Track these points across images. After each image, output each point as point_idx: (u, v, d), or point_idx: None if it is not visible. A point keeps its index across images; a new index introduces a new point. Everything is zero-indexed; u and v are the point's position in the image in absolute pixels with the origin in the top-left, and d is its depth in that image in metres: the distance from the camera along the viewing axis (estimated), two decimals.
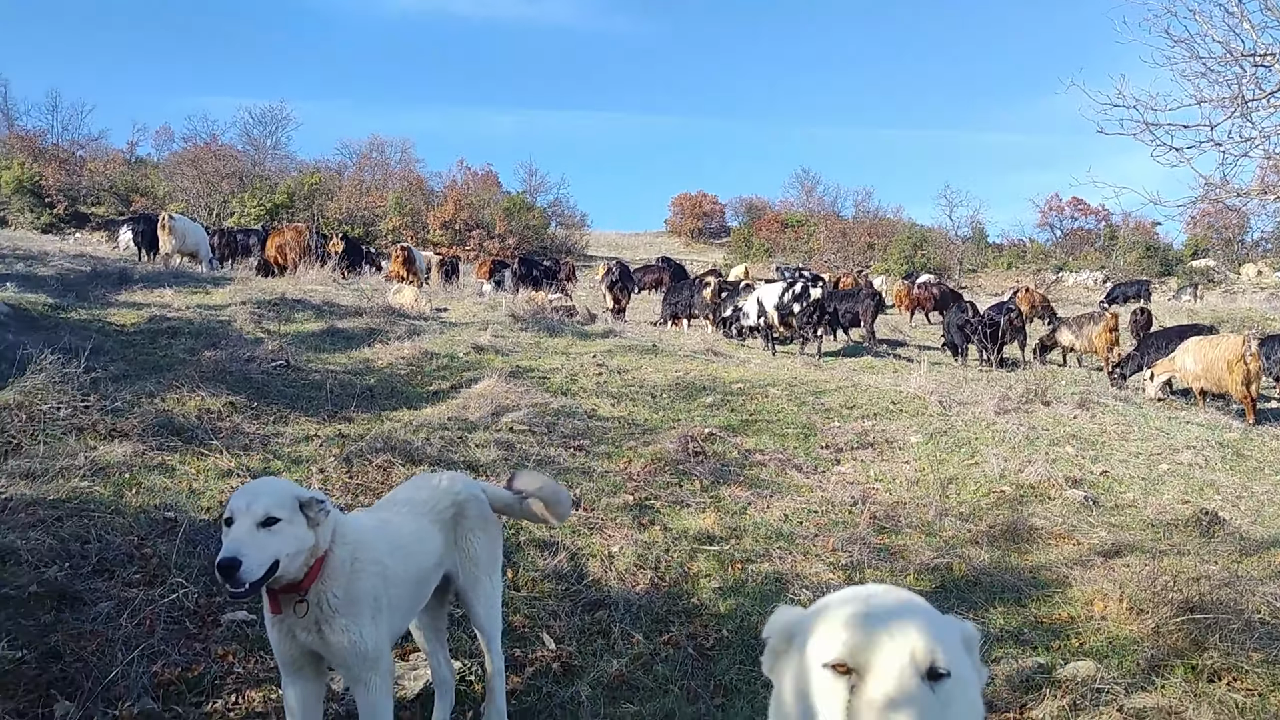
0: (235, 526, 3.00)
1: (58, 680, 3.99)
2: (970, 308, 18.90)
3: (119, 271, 16.51)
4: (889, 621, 1.69)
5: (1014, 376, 14.00)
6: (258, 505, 3.03)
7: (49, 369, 7.64)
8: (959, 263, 56.86)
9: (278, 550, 3.04)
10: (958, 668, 1.68)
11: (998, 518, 7.49)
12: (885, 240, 60.07)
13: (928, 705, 1.59)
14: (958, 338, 18.17)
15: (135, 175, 54.88)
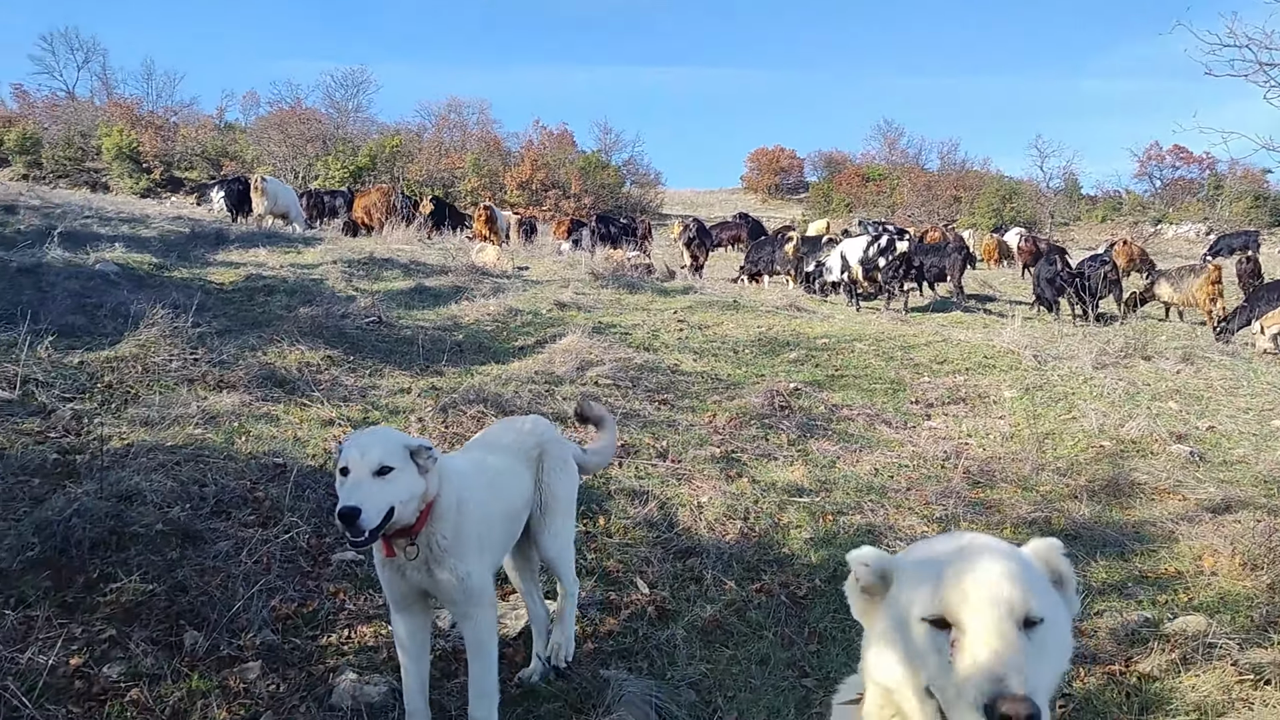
0: (351, 476, 3.10)
1: (186, 612, 4.24)
2: (1060, 260, 18.32)
3: (215, 232, 17.07)
4: (985, 575, 1.70)
5: (1111, 331, 13.59)
6: (371, 455, 3.12)
7: (160, 323, 8.00)
8: (1050, 216, 55.08)
9: (393, 498, 3.14)
10: (1049, 612, 1.71)
11: (1097, 472, 7.34)
12: (972, 193, 58.40)
13: (1026, 653, 1.61)
14: (1048, 291, 17.65)
15: (225, 140, 56.37)
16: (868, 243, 17.89)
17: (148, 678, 3.75)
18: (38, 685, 3.55)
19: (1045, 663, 1.66)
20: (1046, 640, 1.68)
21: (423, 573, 3.36)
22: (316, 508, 5.44)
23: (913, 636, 1.74)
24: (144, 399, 6.90)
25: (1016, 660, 1.58)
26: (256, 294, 11.87)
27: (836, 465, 7.44)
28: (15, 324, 7.74)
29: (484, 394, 8.02)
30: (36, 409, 6.47)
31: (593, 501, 6.22)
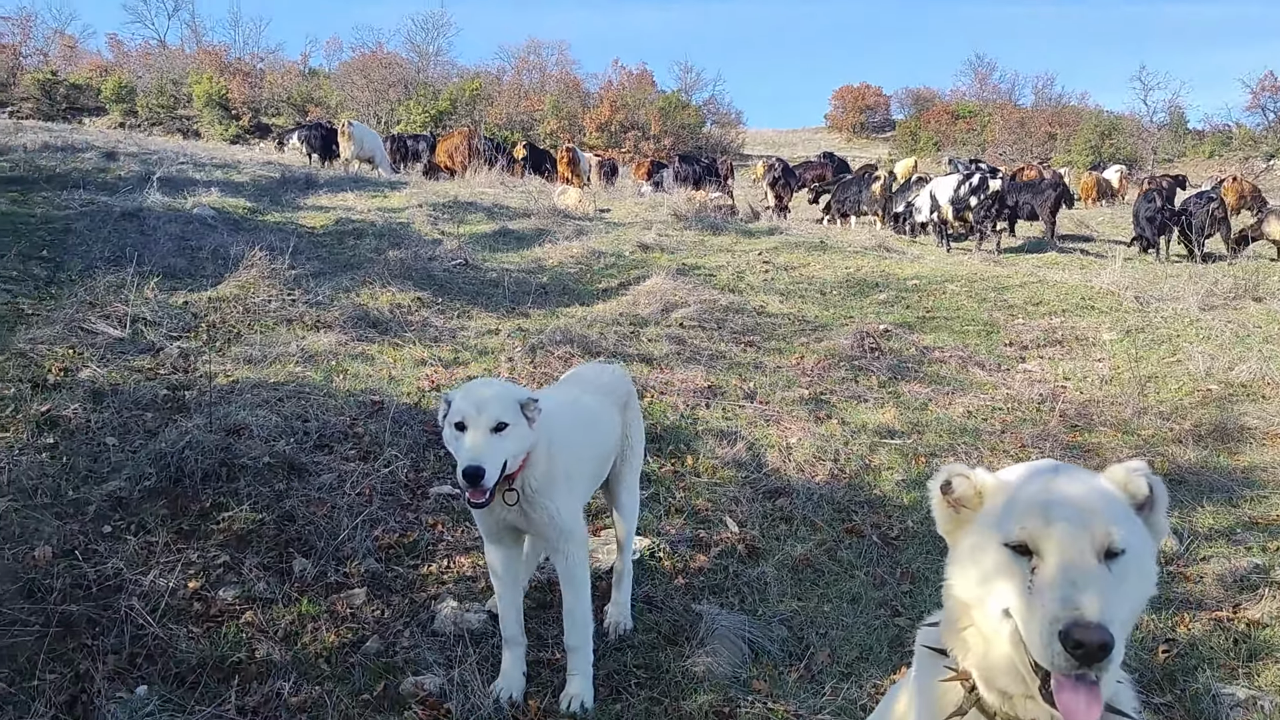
0: (470, 434, 3.14)
1: (294, 540, 4.41)
2: (1159, 197, 17.44)
3: (305, 178, 17.42)
4: (1068, 505, 1.71)
5: (1219, 271, 13.00)
6: (489, 412, 3.16)
7: (259, 265, 8.24)
8: (1154, 152, 52.52)
9: (508, 453, 3.19)
10: (1132, 542, 1.71)
11: (1204, 416, 7.07)
12: (1068, 130, 55.91)
13: (1105, 584, 1.62)
14: (1148, 230, 16.89)
15: (309, 86, 57.16)
16: (959, 181, 17.31)
17: (260, 601, 3.93)
18: (160, 606, 3.74)
19: (1125, 594, 1.67)
20: (1128, 572, 1.69)
21: (515, 512, 3.42)
22: (413, 443, 5.58)
23: (994, 560, 1.76)
24: (246, 338, 7.13)
25: (1094, 590, 1.60)
26: (346, 237, 12.11)
27: (928, 408, 7.32)
28: (122, 266, 8.06)
29: (570, 335, 8.08)
30: (146, 347, 6.75)
31: (681, 441, 6.25)
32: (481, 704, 3.36)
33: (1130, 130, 55.68)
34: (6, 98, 48.08)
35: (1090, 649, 1.53)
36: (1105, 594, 1.60)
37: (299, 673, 3.49)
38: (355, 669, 3.58)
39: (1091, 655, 1.54)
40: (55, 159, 15.28)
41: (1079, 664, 1.56)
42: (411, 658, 3.68)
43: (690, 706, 3.49)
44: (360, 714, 3.29)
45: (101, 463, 4.87)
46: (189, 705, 3.22)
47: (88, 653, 3.43)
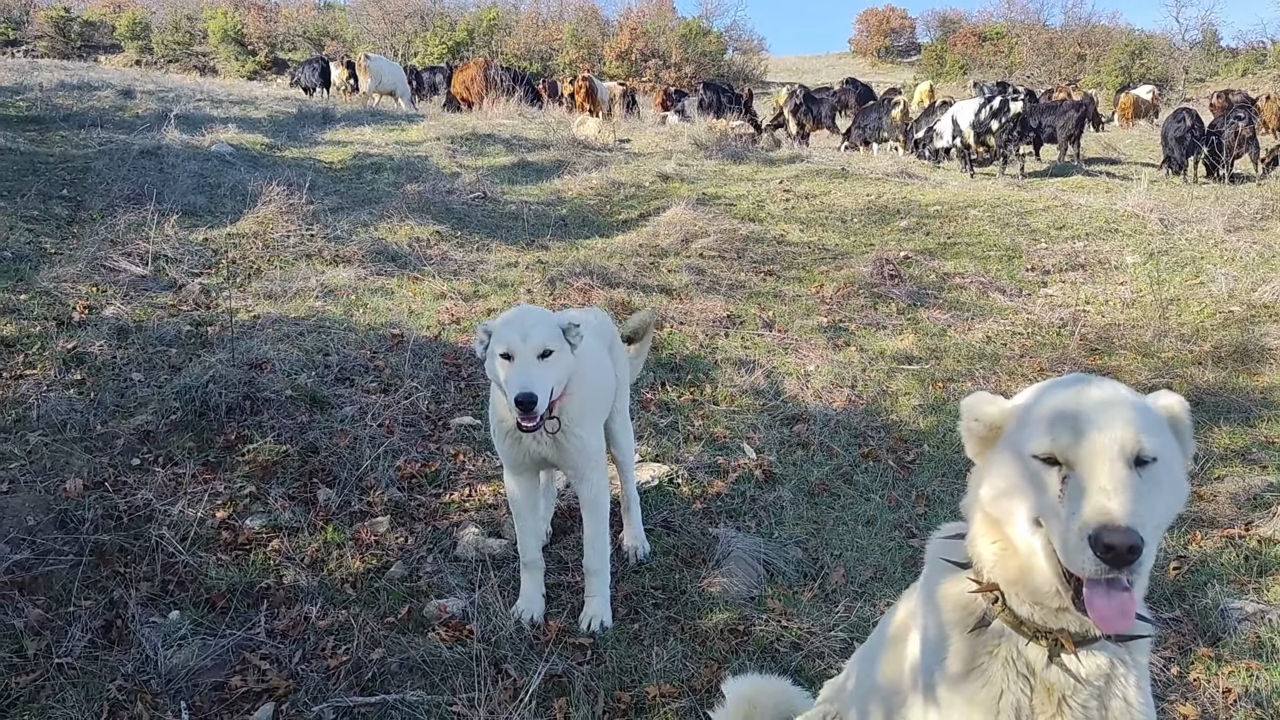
0: (518, 361, 3.16)
1: (318, 470, 4.50)
2: (1190, 116, 16.98)
3: (322, 112, 17.30)
4: (1096, 414, 1.70)
5: (1247, 192, 12.72)
6: (535, 339, 3.18)
7: (276, 201, 8.25)
8: (1185, 71, 51.03)
9: (555, 379, 3.23)
10: (1163, 452, 1.70)
11: (1224, 338, 7.00)
12: (1098, 50, 54.36)
13: (1135, 490, 1.62)
14: (1177, 150, 16.48)
15: (325, 20, 56.48)
16: (980, 104, 16.92)
17: (287, 530, 4.02)
18: (189, 535, 3.85)
19: (1155, 501, 1.67)
20: (1159, 479, 1.69)
21: (548, 443, 3.46)
22: (433, 376, 5.65)
23: (1026, 471, 1.76)
24: (266, 273, 7.18)
25: (1124, 494, 1.61)
26: (364, 171, 12.07)
27: (947, 333, 7.28)
28: (142, 204, 8.10)
29: (590, 267, 8.07)
30: (168, 284, 6.82)
31: (700, 370, 6.27)
32: (503, 625, 3.45)
33: (1161, 49, 53.96)
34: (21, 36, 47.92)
35: (1120, 552, 1.54)
36: (1135, 499, 1.60)
37: (326, 597, 3.60)
38: (380, 593, 3.68)
39: (1121, 558, 1.54)
40: (72, 97, 15.26)
41: (1109, 567, 1.56)
42: (434, 582, 3.78)
43: (706, 624, 3.57)
44: (386, 635, 3.39)
45: (128, 398, 4.97)
46: (220, 629, 3.33)
47: (120, 580, 3.55)
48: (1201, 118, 17.55)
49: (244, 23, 51.06)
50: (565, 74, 44.58)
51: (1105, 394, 1.78)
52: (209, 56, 50.39)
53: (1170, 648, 3.46)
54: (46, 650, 3.12)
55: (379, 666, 3.21)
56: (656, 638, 3.49)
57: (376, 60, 22.35)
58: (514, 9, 59.09)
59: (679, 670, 3.31)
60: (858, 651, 2.57)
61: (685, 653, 3.40)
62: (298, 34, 53.88)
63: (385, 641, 3.35)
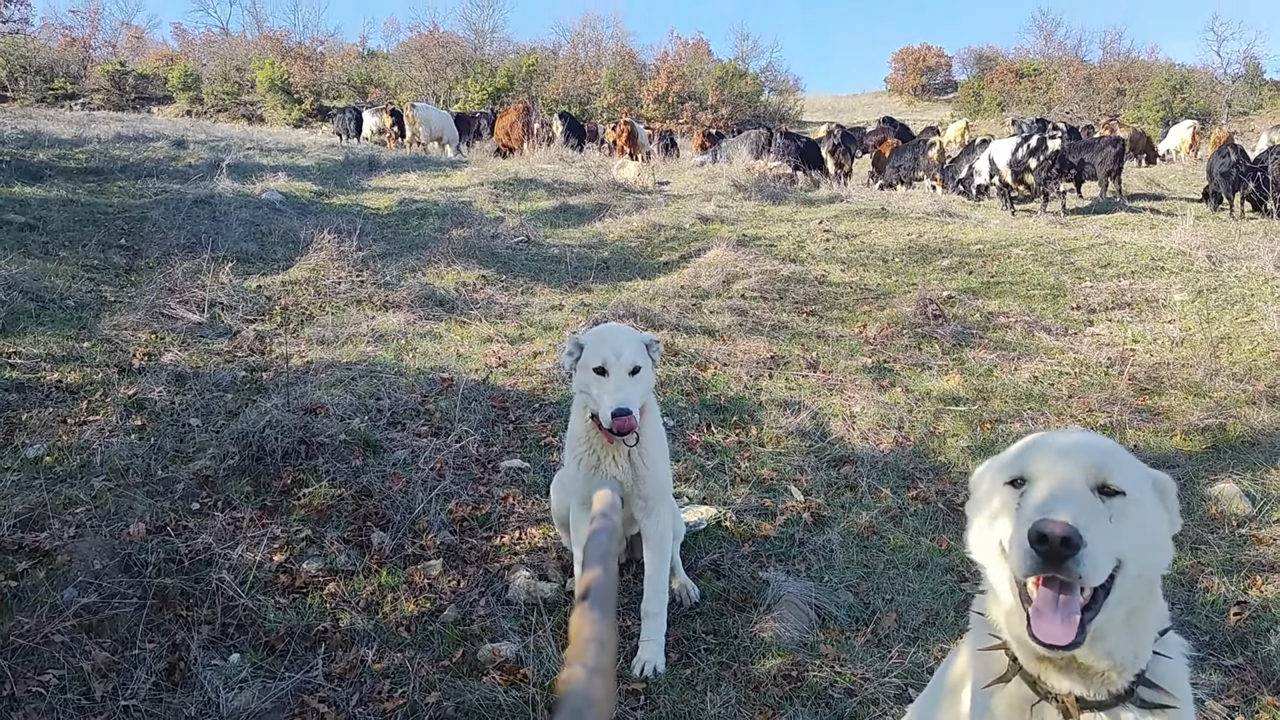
0: (613, 377, 3.31)
1: (371, 514, 4.57)
2: (1236, 152, 16.81)
3: (368, 159, 17.71)
4: (1066, 441, 1.76)
5: None
6: (626, 356, 3.33)
7: (327, 248, 8.44)
8: (1228, 105, 50.54)
9: (642, 396, 3.39)
10: (1136, 491, 1.70)
11: (1279, 377, 6.89)
12: (1138, 85, 54.07)
13: (1094, 511, 1.62)
14: (1222, 186, 16.31)
15: (368, 67, 57.86)
16: (1018, 143, 16.93)
17: (342, 573, 4.09)
18: (248, 578, 3.92)
19: (1118, 531, 1.65)
20: (1128, 513, 1.68)
21: (624, 467, 3.55)
22: (483, 419, 5.72)
23: (996, 503, 1.81)
24: (318, 319, 7.34)
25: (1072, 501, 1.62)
26: (410, 217, 12.32)
27: (993, 373, 7.24)
28: (197, 252, 8.33)
29: (633, 309, 8.15)
30: (224, 330, 6.99)
31: (745, 412, 6.28)
32: (557, 669, 3.46)
33: (1203, 83, 53.54)
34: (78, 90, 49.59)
35: (1054, 543, 1.54)
36: (1086, 512, 1.60)
37: (381, 640, 3.64)
38: (434, 636, 3.72)
39: (1055, 552, 1.54)
40: (128, 149, 15.77)
41: (1044, 562, 1.56)
42: (488, 625, 3.81)
43: (759, 670, 3.56)
44: (441, 679, 3.42)
45: (187, 443, 5.09)
46: (279, 671, 3.38)
47: (183, 623, 3.62)
48: (1247, 152, 17.39)
49: (290, 71, 52.44)
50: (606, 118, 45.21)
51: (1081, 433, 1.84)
52: (257, 105, 51.77)
53: (1234, 695, 3.40)
54: (113, 693, 3.19)
55: (435, 710, 3.24)
56: (709, 683, 3.49)
57: (423, 108, 22.92)
58: (552, 54, 60.15)
59: (733, 716, 3.30)
60: (918, 700, 2.55)
61: (739, 698, 3.39)
62: (342, 82, 55.19)
63: (440, 685, 3.38)
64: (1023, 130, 23.08)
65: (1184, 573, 4.31)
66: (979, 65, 67.03)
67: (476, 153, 22.03)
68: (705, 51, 62.80)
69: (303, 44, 60.67)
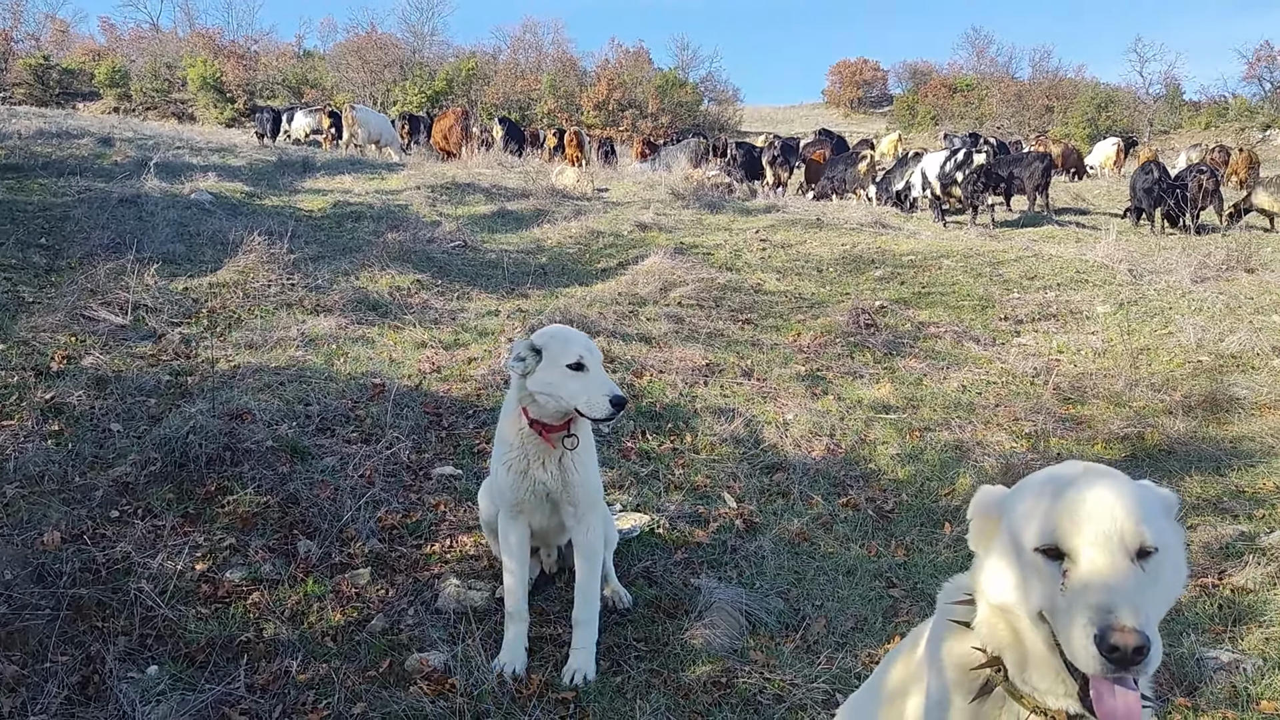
0: (595, 370, 3.41)
1: (298, 522, 4.49)
2: (1158, 169, 17.41)
3: (302, 161, 17.40)
4: (1096, 506, 1.69)
5: (1212, 243, 13.01)
6: (597, 351, 3.47)
7: (257, 250, 8.28)
8: (1149, 124, 52.36)
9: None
10: (1163, 540, 1.69)
11: (1194, 388, 7.13)
12: (1065, 102, 55.79)
13: (1139, 585, 1.61)
14: (1145, 202, 16.86)
15: (304, 68, 56.94)
16: (945, 157, 17.39)
17: (267, 582, 4.00)
18: (168, 588, 3.82)
19: (1158, 593, 1.66)
20: (1162, 570, 1.68)
21: (554, 473, 3.54)
22: (414, 425, 5.65)
23: (1027, 565, 1.75)
24: (246, 323, 7.19)
25: (1128, 591, 1.59)
26: (345, 220, 12.14)
27: (923, 382, 7.38)
28: (121, 253, 8.10)
29: (570, 315, 8.13)
30: (148, 333, 6.81)
31: (680, 419, 6.31)
32: (485, 678, 3.43)
33: (1126, 102, 55.50)
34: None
35: (1126, 653, 1.52)
36: (1139, 596, 1.58)
37: (306, 651, 3.57)
38: (361, 646, 3.66)
39: (1127, 659, 1.53)
40: (50, 145, 15.27)
41: (1116, 668, 1.55)
42: (416, 635, 3.76)
43: (689, 677, 3.57)
44: (367, 689, 3.37)
45: (107, 449, 4.94)
46: (199, 683, 3.30)
47: (98, 635, 3.51)
48: (1169, 170, 18.00)
49: (223, 70, 51.34)
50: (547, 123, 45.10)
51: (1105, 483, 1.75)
52: (188, 104, 50.56)
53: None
54: (22, 708, 3.08)
55: None
56: (639, 691, 3.49)
57: (362, 110, 22.64)
58: (492, 59, 59.92)
59: None
60: (845, 705, 2.58)
61: (669, 705, 3.40)
62: (276, 81, 54.21)
63: (366, 695, 3.33)
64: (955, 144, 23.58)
65: None
66: (914, 79, 68.56)
67: (413, 157, 21.78)
68: (646, 60, 63.21)
69: (236, 42, 59.53)
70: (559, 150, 25.88)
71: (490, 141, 22.84)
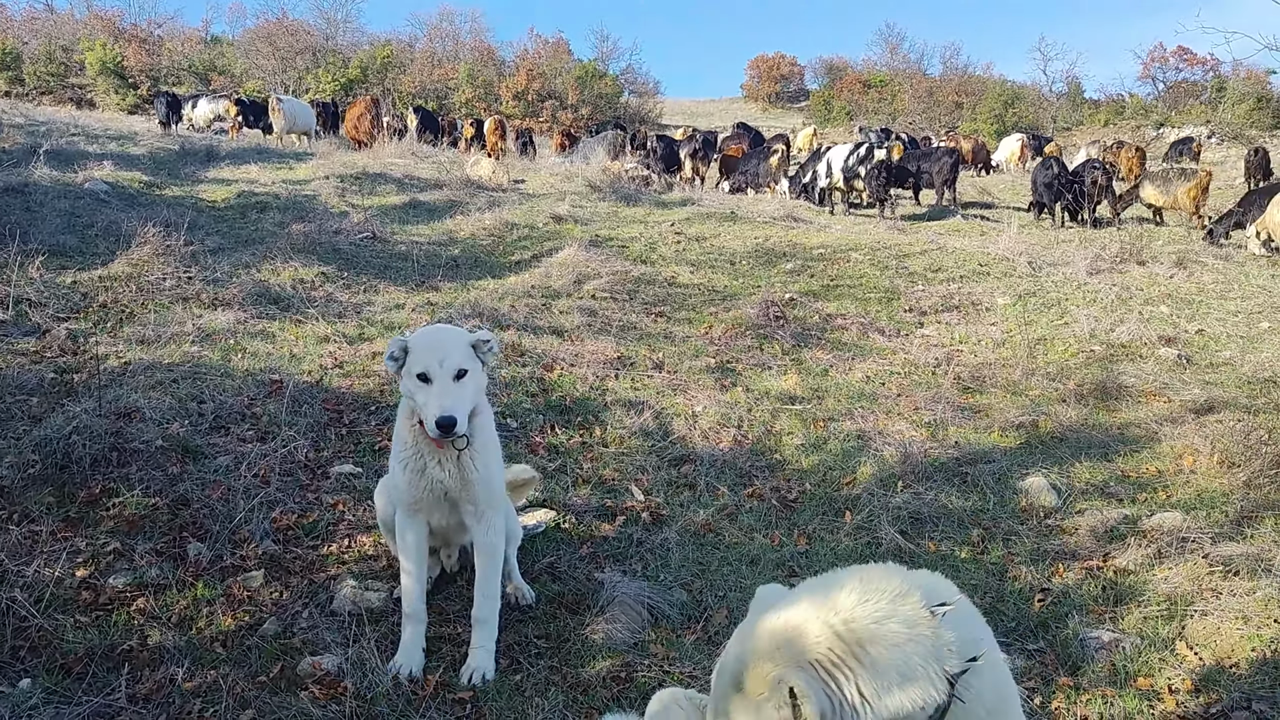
0: (437, 384, 3.23)
1: (188, 524, 4.33)
2: (1057, 164, 17.99)
3: (206, 150, 16.85)
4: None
5: (1108, 236, 13.50)
6: (451, 361, 3.25)
7: (153, 242, 7.98)
8: (1053, 120, 54.07)
9: (471, 399, 3.32)
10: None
11: (1087, 376, 7.39)
12: (974, 99, 57.23)
13: None
14: (1046, 196, 17.42)
15: (212, 54, 55.07)
16: (849, 151, 17.73)
17: (153, 587, 3.85)
18: (45, 596, 3.65)
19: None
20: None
21: (452, 471, 3.46)
22: (313, 423, 5.51)
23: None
24: (139, 318, 6.92)
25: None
26: (249, 211, 11.79)
27: (829, 373, 7.49)
28: (5, 244, 7.71)
29: (480, 309, 8.04)
30: (31, 329, 6.50)
31: (590, 412, 6.29)
32: (379, 681, 3.36)
33: (1031, 99, 57.25)
34: None
35: None
36: None
37: (193, 658, 3.45)
38: (252, 651, 3.55)
39: None
40: None
41: None
42: (310, 638, 3.66)
43: (589, 673, 3.55)
44: (257, 696, 3.27)
45: None
46: (76, 696, 3.16)
47: None
48: (1067, 165, 18.61)
49: (124, 55, 49.32)
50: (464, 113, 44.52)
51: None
52: (86, 89, 48.43)
53: (1034, 678, 3.60)
54: None
55: None
56: (538, 688, 3.46)
57: (289, 102, 22.35)
58: (408, 47, 58.85)
59: None
60: None
61: (566, 702, 3.37)
62: (182, 68, 52.31)
63: (256, 702, 3.23)
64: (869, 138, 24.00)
65: (995, 563, 4.55)
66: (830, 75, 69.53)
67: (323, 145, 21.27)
68: (565, 51, 62.72)
69: (138, 25, 57.18)
70: (476, 140, 25.60)
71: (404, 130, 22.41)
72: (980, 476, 5.47)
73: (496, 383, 6.42)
